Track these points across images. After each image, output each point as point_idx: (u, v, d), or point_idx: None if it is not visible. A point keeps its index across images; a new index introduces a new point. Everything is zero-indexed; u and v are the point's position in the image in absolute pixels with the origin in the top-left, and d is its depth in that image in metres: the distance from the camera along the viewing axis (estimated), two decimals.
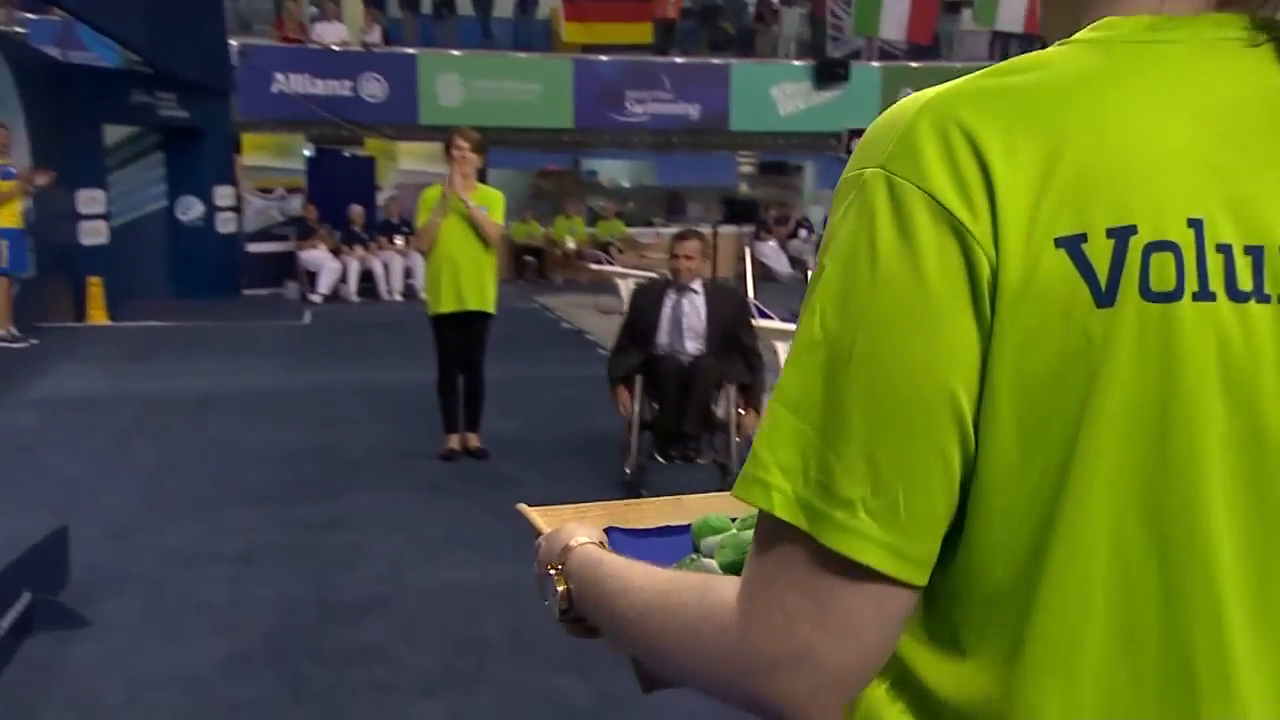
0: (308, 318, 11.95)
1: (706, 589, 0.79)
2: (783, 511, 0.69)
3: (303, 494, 5.04)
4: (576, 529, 1.03)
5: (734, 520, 1.26)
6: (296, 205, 13.99)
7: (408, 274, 13.97)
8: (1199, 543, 0.68)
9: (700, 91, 17.03)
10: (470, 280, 5.68)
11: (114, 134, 12.09)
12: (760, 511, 0.72)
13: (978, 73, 0.72)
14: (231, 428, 6.48)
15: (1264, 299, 0.66)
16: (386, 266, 13.91)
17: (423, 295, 13.07)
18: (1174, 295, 0.65)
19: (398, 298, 13.84)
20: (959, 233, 0.66)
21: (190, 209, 12.88)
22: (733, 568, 1.10)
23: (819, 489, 0.69)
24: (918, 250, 0.66)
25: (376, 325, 11.53)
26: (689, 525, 1.31)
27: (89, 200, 11.33)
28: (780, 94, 17.79)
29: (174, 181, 12.86)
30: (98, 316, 10.76)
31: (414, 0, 17.64)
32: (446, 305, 5.68)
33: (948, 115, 0.68)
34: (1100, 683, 0.69)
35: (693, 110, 17.27)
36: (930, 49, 18.06)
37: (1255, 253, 0.67)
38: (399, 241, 13.94)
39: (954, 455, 0.68)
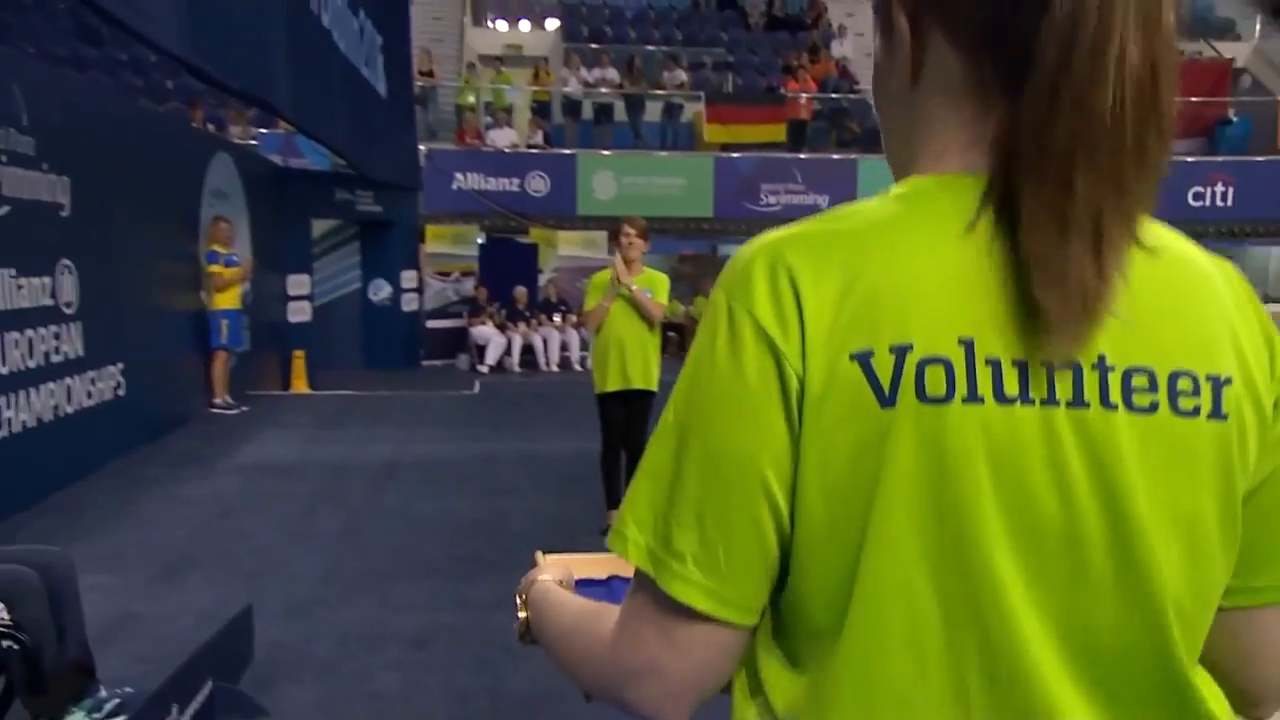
0: (477, 387, 11.97)
1: (599, 617, 0.90)
2: (635, 559, 0.80)
3: (472, 569, 4.82)
4: (546, 569, 1.19)
5: None
6: (469, 286, 14.30)
7: (564, 347, 14.10)
8: (980, 582, 0.74)
9: (829, 184, 16.63)
10: (636, 360, 5.44)
11: (319, 226, 12.56)
12: None
13: (813, 217, 0.81)
14: (407, 496, 6.37)
15: (1029, 402, 0.73)
16: (545, 341, 14.00)
17: (577, 368, 13.76)
18: (945, 399, 0.72)
19: (555, 369, 13.90)
20: (774, 350, 0.75)
21: (380, 290, 13.28)
22: None
23: (662, 542, 0.78)
24: (742, 362, 0.76)
25: (537, 395, 11.55)
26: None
27: (297, 284, 11.74)
28: None
29: (367, 266, 13.28)
30: (300, 385, 10.98)
31: (575, 108, 17.97)
32: (613, 384, 5.45)
33: (777, 256, 0.77)
34: (893, 696, 0.76)
35: (822, 200, 16.86)
36: None
37: (1020, 365, 0.73)
38: (557, 319, 14.15)
39: (766, 521, 0.76)
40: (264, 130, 14.07)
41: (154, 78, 15.63)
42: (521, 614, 1.12)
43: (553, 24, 21.35)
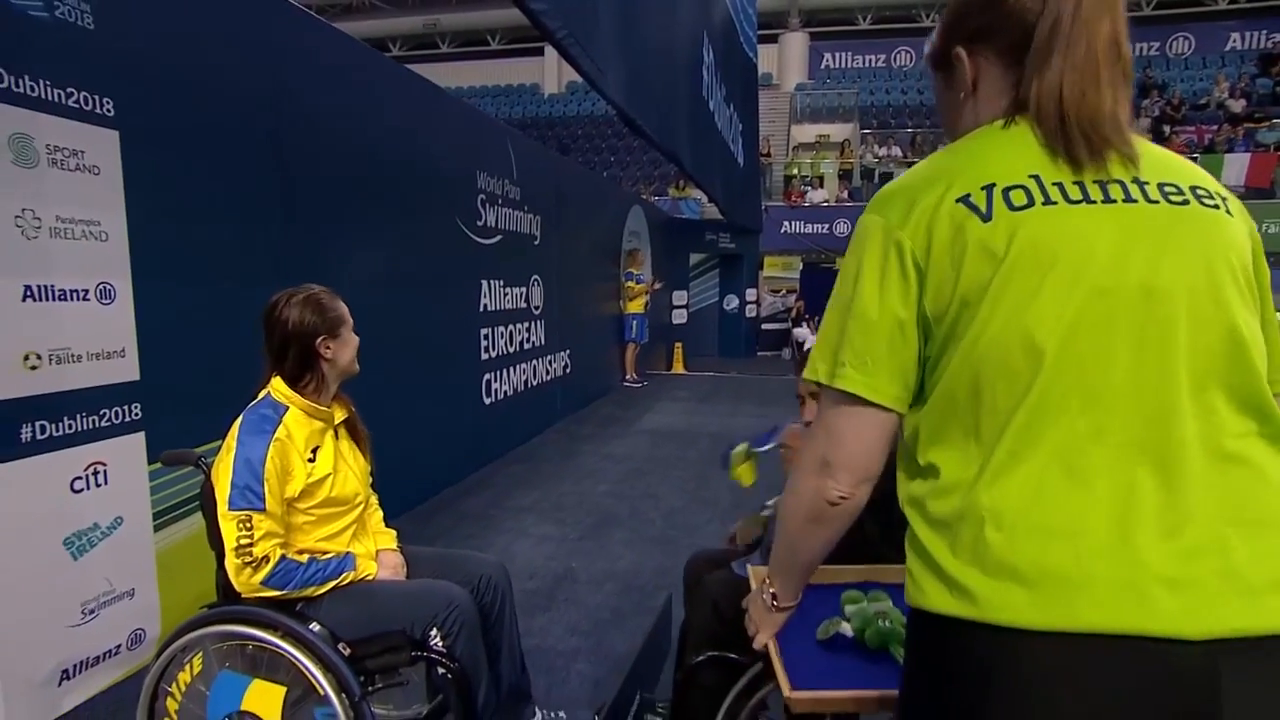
0: None
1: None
2: (820, 376, 0.78)
3: None
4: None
5: (865, 593, 1.19)
6: (791, 300, 12.77)
7: None
8: (1082, 321, 0.68)
9: None
10: None
11: (694, 258, 11.63)
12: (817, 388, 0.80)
13: (930, 157, 0.81)
14: (773, 469, 4.87)
15: (1091, 202, 0.70)
16: None
17: None
18: (1028, 206, 0.70)
19: None
20: (896, 240, 0.74)
21: (731, 302, 12.11)
22: (859, 633, 1.08)
23: (833, 362, 0.77)
24: (881, 249, 0.75)
25: None
26: (842, 586, 1.22)
27: (679, 297, 10.83)
28: None
29: (723, 285, 12.13)
30: (679, 368, 9.95)
31: (869, 173, 15.69)
32: None
33: (900, 188, 0.78)
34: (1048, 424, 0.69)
35: None
36: (1265, 191, 12.44)
37: (1079, 184, 0.71)
38: None
39: (897, 340, 0.74)
40: (658, 197, 13.37)
41: (602, 156, 15.51)
42: (768, 590, 0.97)
43: (850, 123, 19.05)
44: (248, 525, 1.43)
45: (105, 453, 2.08)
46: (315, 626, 1.50)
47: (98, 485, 2.05)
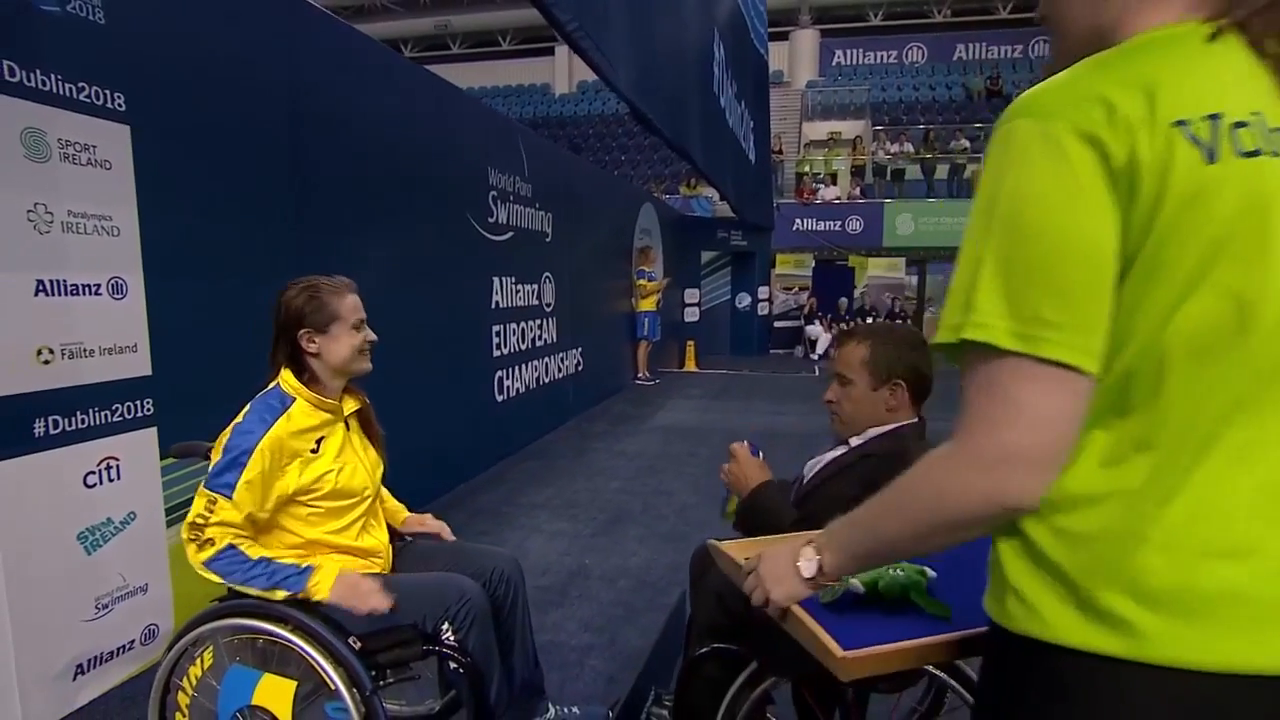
0: (817, 372, 10.15)
1: (922, 461, 0.62)
2: (1005, 342, 0.57)
3: None
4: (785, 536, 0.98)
5: None
6: (804, 298, 12.62)
7: None
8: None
9: None
10: None
11: (705, 256, 11.48)
12: (969, 355, 0.58)
13: (1096, 59, 0.61)
14: (784, 466, 4.81)
15: None
16: None
17: None
18: (1255, 154, 0.56)
19: None
20: (1098, 144, 0.56)
21: (743, 299, 11.96)
22: (870, 586, 0.95)
23: (1025, 319, 0.56)
24: (1070, 160, 0.56)
25: None
26: None
27: (690, 295, 10.72)
28: None
29: (734, 283, 12.00)
30: (691, 365, 9.88)
31: (881, 170, 15.54)
32: None
33: (1077, 82, 0.59)
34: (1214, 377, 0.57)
35: None
36: None
37: None
38: (869, 320, 12.00)
39: (1105, 282, 0.56)
40: (669, 195, 13.32)
41: (613, 155, 15.48)
42: (814, 557, 0.75)
43: (862, 120, 18.92)
44: (211, 507, 1.41)
45: (118, 448, 2.07)
46: (326, 620, 1.47)
47: (110, 480, 2.05)
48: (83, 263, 1.98)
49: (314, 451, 1.51)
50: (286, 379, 1.55)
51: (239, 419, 1.48)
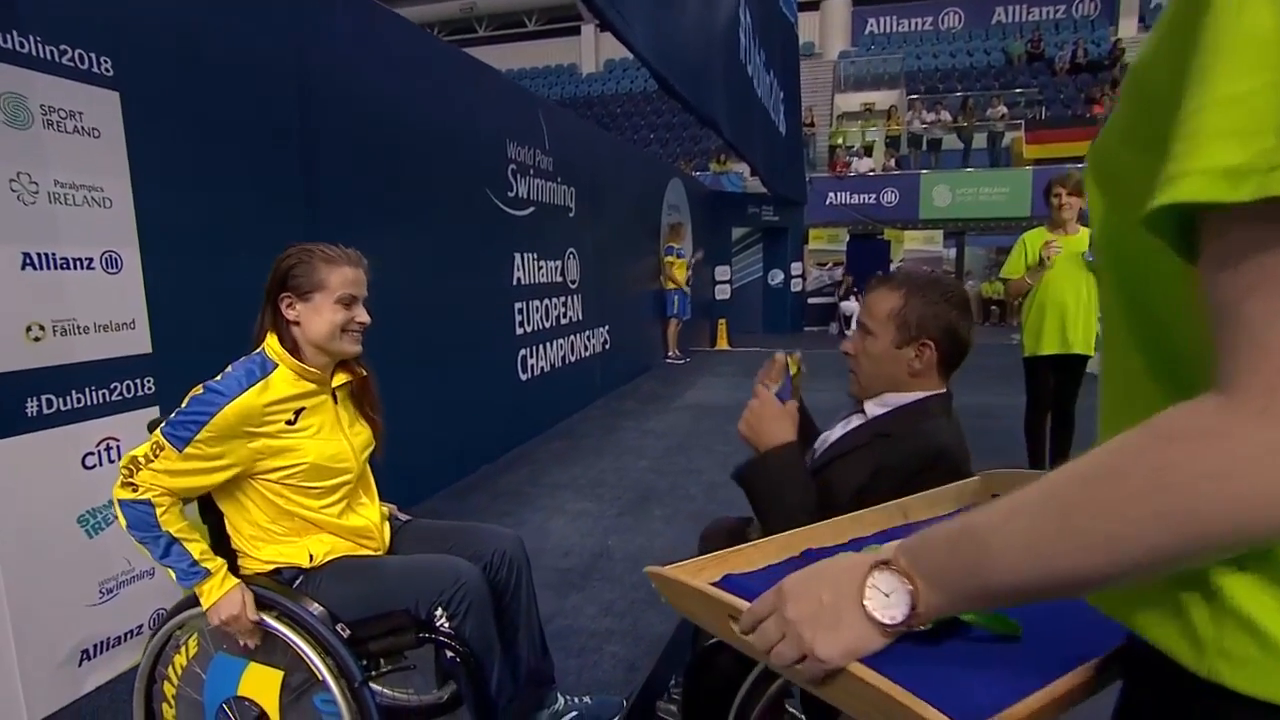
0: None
1: (1145, 429, 0.35)
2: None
3: None
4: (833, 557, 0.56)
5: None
6: (838, 273, 12.22)
7: None
8: None
9: None
10: (1077, 323, 3.21)
11: (736, 232, 11.20)
12: (1253, 232, 0.32)
13: None
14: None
15: None
16: None
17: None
18: None
19: None
20: None
21: (776, 276, 11.63)
22: None
23: None
24: None
25: None
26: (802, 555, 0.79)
27: (721, 272, 10.43)
28: None
29: (767, 259, 11.67)
30: (722, 344, 9.65)
31: (916, 141, 14.97)
32: (1048, 347, 3.27)
33: None
34: None
35: None
36: None
37: None
38: None
39: None
40: (699, 172, 12.99)
41: (641, 134, 15.23)
42: (908, 586, 0.50)
43: (896, 90, 18.23)
44: (157, 451, 1.29)
45: (117, 428, 1.99)
46: (314, 607, 1.36)
47: (111, 461, 1.97)
48: (73, 235, 1.89)
49: (290, 423, 1.38)
50: (272, 344, 1.43)
51: (218, 377, 1.36)
